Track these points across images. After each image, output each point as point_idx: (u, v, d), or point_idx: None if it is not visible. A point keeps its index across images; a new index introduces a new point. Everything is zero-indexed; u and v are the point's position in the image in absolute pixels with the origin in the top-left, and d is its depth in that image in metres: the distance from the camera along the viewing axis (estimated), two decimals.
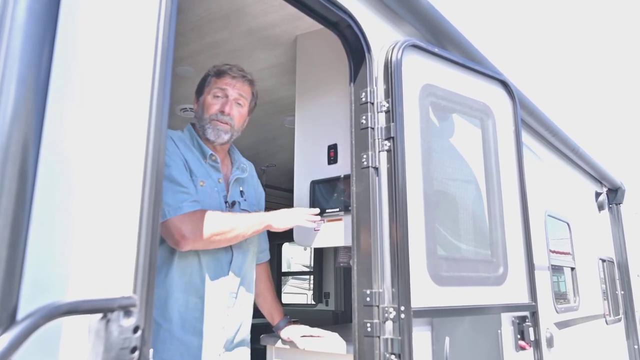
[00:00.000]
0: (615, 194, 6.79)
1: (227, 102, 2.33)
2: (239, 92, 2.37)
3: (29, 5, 0.98)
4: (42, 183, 1.00)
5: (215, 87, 2.36)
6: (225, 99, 2.34)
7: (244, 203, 2.41)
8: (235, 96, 2.35)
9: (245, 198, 2.44)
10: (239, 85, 2.37)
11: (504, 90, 2.99)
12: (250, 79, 2.43)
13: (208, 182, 2.26)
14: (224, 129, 2.32)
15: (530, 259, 2.84)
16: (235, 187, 2.41)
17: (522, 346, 2.66)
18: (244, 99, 2.39)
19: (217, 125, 2.31)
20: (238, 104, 2.37)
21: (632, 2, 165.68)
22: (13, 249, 0.89)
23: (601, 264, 5.98)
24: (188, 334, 2.09)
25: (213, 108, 2.33)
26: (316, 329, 2.57)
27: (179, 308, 2.09)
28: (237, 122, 2.38)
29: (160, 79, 1.29)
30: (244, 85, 2.39)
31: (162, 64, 1.30)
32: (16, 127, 0.93)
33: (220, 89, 2.35)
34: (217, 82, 2.36)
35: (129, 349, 1.05)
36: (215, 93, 2.35)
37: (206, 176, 2.27)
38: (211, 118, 2.31)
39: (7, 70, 0.94)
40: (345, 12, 2.30)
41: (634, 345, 6.46)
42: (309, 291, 7.95)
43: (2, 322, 0.85)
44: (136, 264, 1.16)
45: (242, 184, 2.46)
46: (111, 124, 1.21)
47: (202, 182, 2.22)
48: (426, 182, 2.38)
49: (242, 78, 2.39)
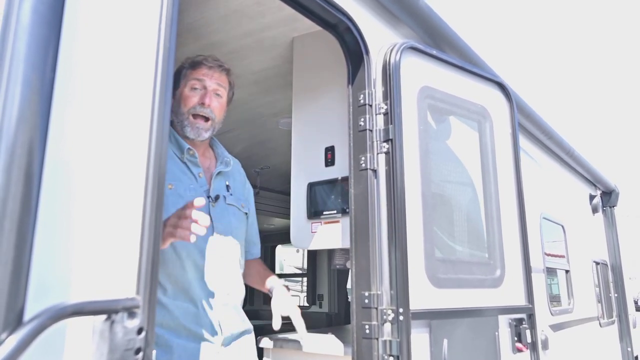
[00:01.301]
0: (609, 196, 6.82)
1: (207, 94, 2.26)
2: (217, 82, 2.30)
3: (34, 7, 0.98)
4: (46, 185, 1.00)
5: (192, 78, 2.28)
6: (204, 90, 2.27)
7: (230, 197, 2.34)
8: (213, 87, 2.29)
9: (232, 192, 2.37)
10: (217, 75, 2.31)
11: (501, 93, 3.01)
12: (226, 67, 2.36)
13: (182, 181, 2.18)
14: (204, 127, 2.26)
15: (527, 261, 2.85)
16: (219, 180, 2.34)
17: (519, 348, 2.67)
18: (222, 89, 2.33)
19: (196, 124, 2.24)
20: (217, 95, 2.30)
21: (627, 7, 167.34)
22: (19, 250, 0.89)
23: (595, 266, 6.01)
24: (181, 338, 2.05)
25: (191, 101, 2.25)
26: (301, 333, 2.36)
27: (169, 312, 2.05)
28: (218, 113, 2.31)
29: (162, 81, 1.29)
30: (222, 75, 2.33)
31: (163, 65, 1.30)
32: (22, 129, 0.93)
33: (198, 80, 2.27)
34: (193, 73, 2.29)
35: (133, 350, 1.05)
36: (192, 85, 2.27)
37: (180, 175, 2.20)
38: (190, 112, 2.24)
39: (12, 71, 0.94)
40: (344, 14, 2.30)
41: (627, 347, 6.48)
42: (301, 293, 7.94)
43: (9, 323, 0.85)
44: (139, 266, 1.16)
45: (227, 178, 2.39)
46: (113, 126, 1.21)
47: (171, 185, 2.12)
48: (424, 185, 2.38)
49: (219, 68, 2.32)
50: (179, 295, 2.08)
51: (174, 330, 2.05)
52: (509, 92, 3.02)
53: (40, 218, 0.97)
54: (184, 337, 2.06)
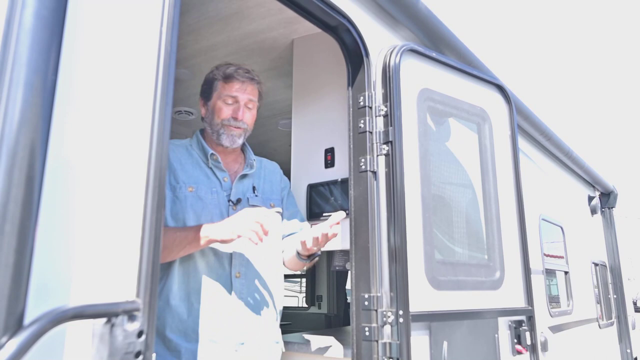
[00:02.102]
0: (608, 198, 6.82)
1: (239, 108, 2.31)
2: (249, 97, 2.35)
3: (36, 11, 0.98)
4: (47, 188, 0.99)
5: (225, 93, 2.32)
6: (237, 104, 2.32)
7: (254, 199, 2.35)
8: (245, 101, 2.34)
9: (258, 194, 2.39)
10: (249, 89, 2.35)
11: (501, 95, 3.01)
12: (257, 80, 2.41)
13: (204, 184, 2.23)
14: (238, 133, 2.31)
15: (526, 263, 2.86)
16: (244, 183, 2.36)
17: (518, 350, 2.67)
18: (253, 102, 2.38)
19: (231, 131, 2.30)
20: (248, 108, 2.35)
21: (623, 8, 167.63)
22: (20, 253, 0.89)
23: (594, 267, 6.01)
24: (192, 341, 2.05)
25: (224, 113, 2.30)
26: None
27: (180, 316, 2.06)
28: (250, 124, 2.37)
29: (163, 84, 1.29)
30: (254, 89, 2.38)
31: (165, 68, 1.30)
32: (23, 132, 0.93)
33: (231, 96, 2.32)
34: (226, 87, 2.33)
35: (133, 353, 1.05)
36: (225, 100, 2.32)
37: (203, 179, 2.25)
38: (223, 123, 2.30)
39: (14, 74, 0.93)
40: (344, 17, 2.31)
41: (627, 349, 6.48)
42: (299, 294, 7.92)
43: (9, 327, 0.85)
44: (139, 269, 1.16)
45: (254, 180, 2.42)
46: (114, 129, 1.21)
47: (191, 188, 2.19)
48: (424, 186, 2.39)
49: (251, 81, 2.36)
50: (190, 297, 2.09)
51: (183, 333, 2.05)
52: (508, 94, 3.03)
53: (41, 221, 0.96)
54: (193, 340, 2.05)
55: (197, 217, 2.16)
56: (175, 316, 2.06)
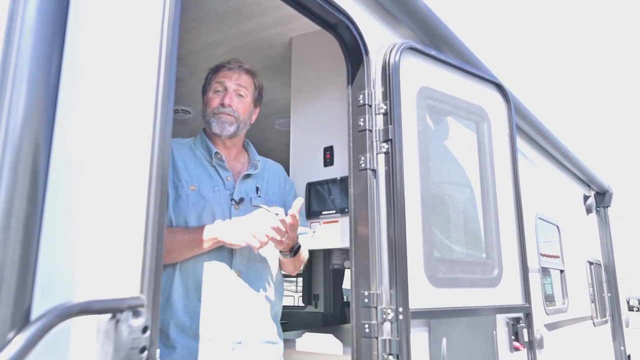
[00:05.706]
0: (603, 197, 6.85)
1: (227, 94, 2.31)
2: (237, 83, 2.34)
3: (39, 5, 0.98)
4: (52, 184, 0.99)
5: (214, 82, 2.35)
6: (225, 92, 2.32)
7: (257, 199, 2.34)
8: (234, 87, 2.33)
9: (261, 194, 2.38)
10: (236, 75, 2.35)
11: (499, 94, 3.02)
12: (247, 68, 2.40)
13: (206, 183, 2.23)
14: (228, 120, 2.30)
15: (524, 261, 2.87)
16: (247, 183, 2.35)
17: (516, 347, 2.68)
18: (244, 89, 2.36)
19: (220, 118, 2.29)
20: (239, 95, 2.34)
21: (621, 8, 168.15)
22: (26, 249, 0.89)
23: (589, 266, 6.04)
24: (189, 338, 2.05)
25: (214, 102, 2.31)
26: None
27: (178, 312, 2.06)
28: (242, 112, 2.34)
29: (165, 80, 1.29)
30: (242, 75, 2.37)
31: (166, 63, 1.30)
32: (27, 128, 0.92)
33: (219, 83, 2.33)
34: (215, 77, 2.35)
35: (138, 349, 1.05)
36: (215, 88, 2.33)
37: (206, 177, 2.25)
38: (213, 112, 2.30)
39: (18, 70, 0.93)
40: (344, 14, 2.30)
41: (620, 346, 6.52)
42: (295, 293, 7.92)
43: (16, 322, 0.85)
44: (143, 265, 1.16)
45: (257, 180, 2.41)
46: (117, 125, 1.21)
47: (193, 186, 2.19)
48: (423, 185, 2.39)
49: (239, 68, 2.36)
50: (189, 294, 2.09)
51: (180, 329, 2.05)
52: (507, 93, 3.03)
53: (46, 216, 0.96)
54: (191, 337, 2.05)
55: (198, 215, 2.15)
56: (174, 312, 2.06)
